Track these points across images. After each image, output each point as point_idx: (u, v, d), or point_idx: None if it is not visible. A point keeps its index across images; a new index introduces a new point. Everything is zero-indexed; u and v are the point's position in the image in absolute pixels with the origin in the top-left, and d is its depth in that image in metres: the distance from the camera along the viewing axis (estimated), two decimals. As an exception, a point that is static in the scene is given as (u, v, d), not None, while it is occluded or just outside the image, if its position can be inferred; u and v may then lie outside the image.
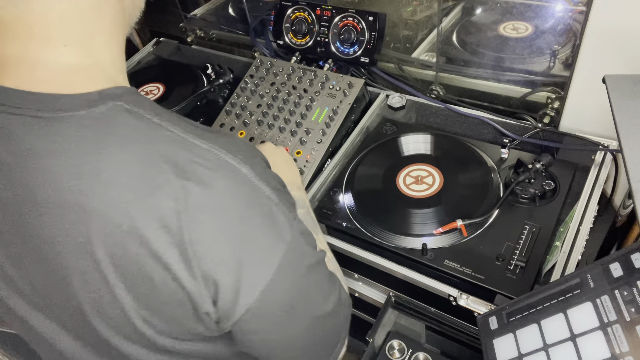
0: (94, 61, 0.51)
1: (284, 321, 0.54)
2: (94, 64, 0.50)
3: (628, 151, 0.60)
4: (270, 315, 0.52)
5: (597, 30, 0.88)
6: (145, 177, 0.45)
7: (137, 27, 1.92)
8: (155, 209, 0.45)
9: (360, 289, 0.99)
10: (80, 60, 0.49)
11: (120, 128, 0.47)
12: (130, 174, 0.45)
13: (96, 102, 0.47)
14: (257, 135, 1.14)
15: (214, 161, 0.48)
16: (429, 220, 0.91)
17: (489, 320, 0.64)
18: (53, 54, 0.48)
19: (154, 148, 0.47)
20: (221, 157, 0.49)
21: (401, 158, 1.06)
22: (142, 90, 1.42)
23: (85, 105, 0.47)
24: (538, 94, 1.09)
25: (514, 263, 0.81)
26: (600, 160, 0.96)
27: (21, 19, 0.46)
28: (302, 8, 1.27)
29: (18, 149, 0.46)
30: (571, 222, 0.85)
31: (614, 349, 0.50)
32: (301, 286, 0.55)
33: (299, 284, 0.54)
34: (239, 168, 0.49)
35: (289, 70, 1.23)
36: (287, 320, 0.54)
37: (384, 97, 1.22)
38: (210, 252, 0.47)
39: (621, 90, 0.68)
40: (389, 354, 0.88)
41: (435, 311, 0.88)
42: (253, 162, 0.51)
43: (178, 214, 0.45)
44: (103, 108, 0.47)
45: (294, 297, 0.54)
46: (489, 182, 0.95)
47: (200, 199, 0.46)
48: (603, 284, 0.55)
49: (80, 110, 0.46)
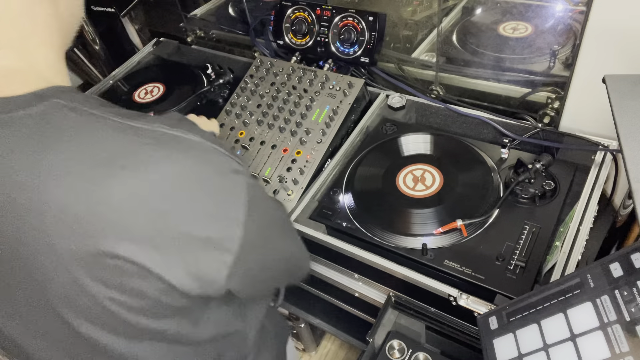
0: (28, 64, 0.51)
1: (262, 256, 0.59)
2: (28, 67, 0.51)
3: (628, 151, 0.60)
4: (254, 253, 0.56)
5: (597, 30, 0.88)
6: (98, 165, 0.46)
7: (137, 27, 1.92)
8: (113, 196, 0.46)
9: (360, 289, 0.99)
10: (13, 63, 0.50)
11: (63, 123, 0.47)
12: (84, 164, 0.46)
13: (31, 102, 0.48)
14: (257, 135, 1.14)
15: (161, 138, 0.49)
16: (429, 220, 0.91)
17: (489, 320, 0.64)
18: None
19: (101, 137, 0.47)
20: (167, 133, 0.50)
21: (401, 158, 1.06)
22: (142, 90, 1.42)
23: (22, 107, 0.47)
24: (538, 94, 1.09)
25: (514, 263, 0.81)
26: (600, 160, 0.96)
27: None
28: (302, 8, 1.27)
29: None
30: (571, 222, 0.85)
31: (614, 349, 0.50)
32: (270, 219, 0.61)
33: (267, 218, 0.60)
34: (188, 137, 0.51)
35: (289, 70, 1.23)
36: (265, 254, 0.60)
37: (384, 97, 1.22)
38: (183, 220, 0.48)
39: (621, 90, 0.68)
40: (389, 354, 0.88)
41: (435, 311, 0.88)
42: (195, 130, 0.53)
43: (137, 196, 0.46)
44: (41, 107, 0.48)
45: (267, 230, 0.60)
46: (489, 182, 0.95)
47: (158, 177, 0.47)
48: (603, 284, 0.55)
49: (18, 111, 0.47)
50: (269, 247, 0.61)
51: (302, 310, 1.44)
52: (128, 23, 1.91)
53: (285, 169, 1.06)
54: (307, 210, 1.00)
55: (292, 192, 1.02)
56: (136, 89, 1.43)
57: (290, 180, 1.04)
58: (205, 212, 0.50)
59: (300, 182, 1.03)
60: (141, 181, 0.47)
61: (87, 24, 1.80)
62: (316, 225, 0.97)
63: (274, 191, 1.03)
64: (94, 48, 1.86)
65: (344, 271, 0.99)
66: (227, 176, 0.52)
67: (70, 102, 0.49)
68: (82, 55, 1.91)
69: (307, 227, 0.96)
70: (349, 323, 1.35)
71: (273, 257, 0.64)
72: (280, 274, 0.72)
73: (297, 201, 1.01)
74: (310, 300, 1.36)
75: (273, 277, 0.70)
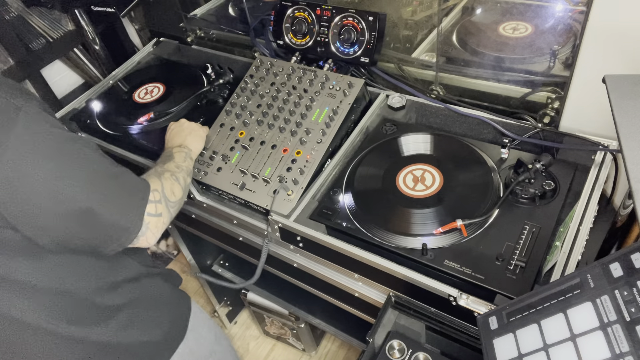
0: None
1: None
2: None
3: (628, 151, 0.60)
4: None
5: (597, 30, 0.88)
6: None
7: (137, 27, 1.92)
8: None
9: (360, 289, 0.99)
10: None
11: None
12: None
13: None
14: (257, 135, 1.14)
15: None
16: (429, 220, 0.91)
17: (489, 320, 0.64)
18: None
19: None
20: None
21: (401, 158, 1.06)
22: (142, 90, 1.42)
23: None
24: (538, 94, 1.09)
25: (514, 263, 0.81)
26: (600, 160, 0.96)
27: None
28: (302, 8, 1.27)
29: None
30: (571, 222, 0.85)
31: (614, 349, 0.50)
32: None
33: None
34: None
35: (289, 70, 1.23)
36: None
37: (384, 97, 1.22)
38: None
39: (621, 90, 0.68)
40: (389, 354, 0.88)
41: (435, 311, 0.88)
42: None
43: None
44: None
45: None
46: (489, 182, 0.95)
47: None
48: (603, 284, 0.55)
49: None
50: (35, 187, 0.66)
51: (302, 310, 1.44)
52: (128, 23, 1.91)
53: (285, 169, 1.06)
54: (307, 210, 1.00)
55: (292, 192, 1.02)
56: (136, 89, 1.43)
57: (290, 180, 1.04)
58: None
59: (300, 182, 1.03)
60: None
61: (87, 24, 1.80)
62: (316, 225, 0.97)
63: (274, 191, 1.03)
64: (94, 48, 1.86)
65: (344, 271, 0.99)
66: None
67: None
68: (82, 55, 1.91)
69: (307, 227, 0.96)
70: (349, 323, 1.36)
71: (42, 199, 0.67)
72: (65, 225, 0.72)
73: (297, 201, 1.01)
74: (310, 300, 1.37)
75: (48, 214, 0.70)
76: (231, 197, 1.09)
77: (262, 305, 1.59)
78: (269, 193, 1.04)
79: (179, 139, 1.06)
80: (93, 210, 0.71)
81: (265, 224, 1.04)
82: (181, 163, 0.97)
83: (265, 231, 1.05)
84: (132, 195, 0.77)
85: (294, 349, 1.81)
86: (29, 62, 1.75)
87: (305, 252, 1.02)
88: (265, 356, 1.83)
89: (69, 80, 1.96)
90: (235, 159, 1.12)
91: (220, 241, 1.31)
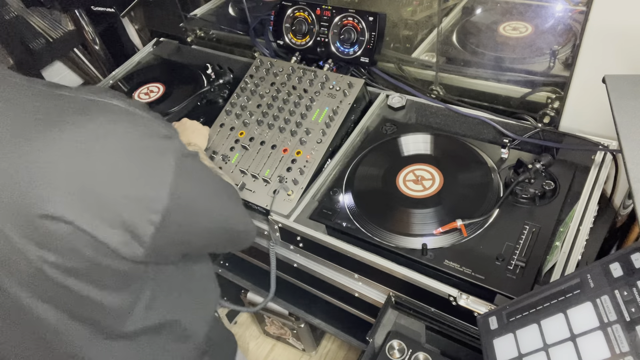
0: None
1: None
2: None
3: (628, 151, 0.60)
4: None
5: (597, 30, 0.88)
6: (25, 127, 0.49)
7: (137, 27, 1.92)
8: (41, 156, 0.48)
9: (360, 289, 0.99)
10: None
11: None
12: (10, 128, 0.48)
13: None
14: (257, 135, 1.14)
15: (85, 103, 0.53)
16: (429, 220, 0.91)
17: (489, 320, 0.64)
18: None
19: (28, 102, 0.51)
20: (92, 100, 0.54)
21: (401, 158, 1.06)
22: (142, 90, 1.42)
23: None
24: (538, 94, 1.09)
25: (514, 263, 0.81)
26: (600, 160, 0.96)
27: None
28: (302, 8, 1.27)
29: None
30: (571, 222, 0.85)
31: (614, 349, 0.50)
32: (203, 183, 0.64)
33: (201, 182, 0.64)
34: (112, 103, 0.54)
35: (289, 70, 1.23)
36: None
37: (384, 97, 1.22)
38: (108, 182, 0.51)
39: (621, 90, 0.68)
40: (389, 354, 0.88)
41: (435, 311, 0.88)
42: (119, 97, 0.56)
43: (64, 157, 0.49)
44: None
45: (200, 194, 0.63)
46: (489, 182, 0.95)
47: (84, 138, 0.50)
48: (603, 284, 0.55)
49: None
50: (200, 212, 0.64)
51: (302, 310, 1.44)
52: (128, 23, 1.91)
53: (285, 169, 1.06)
54: (307, 210, 1.00)
55: (292, 192, 1.02)
56: (136, 89, 1.43)
57: (290, 180, 1.04)
58: (131, 173, 0.53)
59: (300, 182, 1.03)
60: (67, 142, 0.49)
61: (87, 24, 1.80)
62: (316, 225, 0.97)
63: (274, 191, 1.03)
64: (94, 48, 1.86)
65: (344, 271, 0.99)
66: (154, 140, 0.56)
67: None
68: (82, 55, 1.91)
69: (307, 227, 0.96)
70: (349, 323, 1.35)
71: (206, 222, 0.67)
72: (217, 240, 0.74)
73: (297, 201, 1.01)
74: (310, 300, 1.37)
75: (208, 241, 0.72)
76: (231, 197, 1.10)
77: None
78: (269, 193, 1.04)
79: (184, 138, 1.06)
80: (230, 220, 0.73)
81: (266, 224, 1.04)
82: (207, 159, 0.98)
83: (265, 231, 1.05)
84: (239, 200, 0.79)
85: (294, 349, 1.81)
86: (29, 62, 1.75)
87: (305, 252, 1.02)
88: (265, 356, 1.83)
89: (69, 80, 1.96)
90: (235, 159, 1.12)
91: (220, 241, 1.31)
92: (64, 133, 0.49)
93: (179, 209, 0.58)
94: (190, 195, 0.60)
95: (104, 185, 0.51)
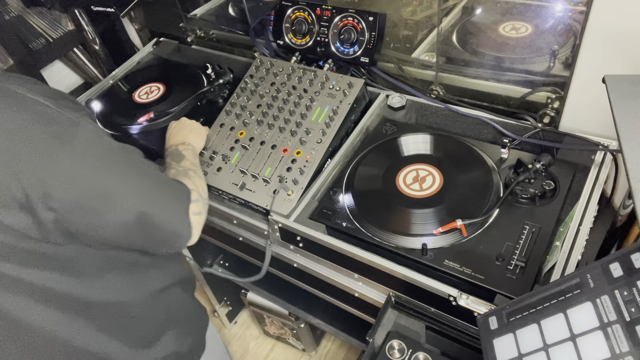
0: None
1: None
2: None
3: (628, 151, 0.60)
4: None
5: (597, 30, 0.88)
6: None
7: (137, 27, 1.92)
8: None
9: (360, 289, 0.99)
10: None
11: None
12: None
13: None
14: (257, 135, 1.14)
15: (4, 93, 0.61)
16: (429, 220, 0.91)
17: (489, 320, 0.64)
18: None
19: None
20: (13, 91, 0.62)
21: (401, 158, 1.06)
22: (142, 90, 1.42)
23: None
24: (538, 94, 1.09)
25: (514, 263, 0.81)
26: (600, 160, 0.96)
27: None
28: (302, 8, 1.27)
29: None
30: (571, 222, 0.85)
31: (614, 349, 0.50)
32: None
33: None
34: (9, 87, 0.62)
35: (289, 70, 1.23)
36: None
37: (384, 97, 1.22)
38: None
39: (621, 90, 0.68)
40: (389, 354, 0.88)
41: (435, 311, 0.88)
42: (19, 80, 0.65)
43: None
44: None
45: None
46: (489, 182, 0.95)
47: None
48: (603, 284, 0.55)
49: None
50: (110, 201, 0.67)
51: (302, 310, 1.44)
52: (128, 23, 1.91)
53: (285, 169, 1.06)
54: (307, 210, 1.00)
55: (292, 192, 1.02)
56: (136, 89, 1.43)
57: (290, 180, 1.04)
58: (14, 154, 0.59)
59: (300, 182, 1.03)
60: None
61: (87, 24, 1.80)
62: (316, 225, 0.97)
63: (274, 191, 1.03)
64: (94, 48, 1.86)
65: (344, 271, 0.99)
66: (45, 126, 0.61)
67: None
68: (82, 55, 1.91)
69: (307, 227, 0.96)
70: (349, 323, 1.36)
71: (119, 213, 0.68)
72: (135, 234, 0.73)
73: (297, 201, 1.01)
74: (310, 300, 1.37)
75: (125, 233, 0.71)
76: (231, 197, 1.09)
77: (262, 305, 1.59)
78: (269, 193, 1.04)
79: (180, 137, 1.06)
80: (150, 216, 0.71)
81: (266, 224, 1.04)
82: (194, 160, 0.98)
83: (265, 231, 1.05)
84: (179, 199, 0.78)
85: (294, 349, 1.81)
86: (29, 62, 1.75)
87: (305, 252, 1.02)
88: (265, 356, 1.83)
89: (69, 80, 1.96)
90: (235, 159, 1.12)
91: (220, 241, 1.31)
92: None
93: (80, 194, 0.63)
94: (96, 183, 0.65)
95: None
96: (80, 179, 0.63)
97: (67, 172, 0.62)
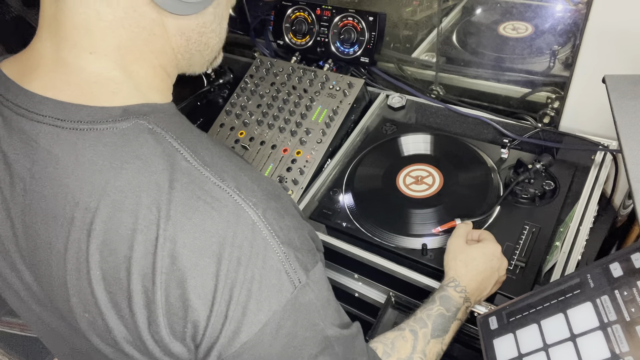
0: (123, 74, 0.49)
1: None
2: (123, 76, 0.49)
3: (628, 151, 0.60)
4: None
5: (597, 30, 0.88)
6: (150, 207, 0.44)
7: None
8: (149, 242, 0.44)
9: (360, 289, 0.99)
10: (107, 71, 0.48)
11: (136, 149, 0.45)
12: (139, 202, 0.44)
13: (118, 117, 0.46)
14: (257, 135, 1.14)
15: (222, 201, 0.46)
16: (429, 220, 0.91)
17: (489, 320, 0.64)
18: (80, 59, 0.47)
19: (165, 177, 0.45)
20: (231, 198, 0.46)
21: (401, 158, 1.06)
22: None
23: (106, 120, 0.46)
24: (538, 94, 1.09)
25: (514, 263, 0.81)
26: (600, 160, 0.96)
27: (56, 17, 0.46)
28: (302, 8, 1.27)
29: (38, 157, 0.46)
30: (571, 222, 0.85)
31: (614, 349, 0.50)
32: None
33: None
34: (246, 210, 0.46)
35: (289, 70, 1.23)
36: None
37: (384, 97, 1.22)
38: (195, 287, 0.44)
39: (621, 90, 0.68)
40: (389, 354, 0.88)
41: (435, 311, 0.88)
42: (267, 207, 0.47)
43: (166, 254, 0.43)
44: (125, 125, 0.46)
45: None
46: (488, 182, 0.95)
47: (203, 239, 0.44)
48: (603, 284, 0.55)
49: (101, 124, 0.46)
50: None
51: (302, 310, 1.43)
52: (128, 23, 1.91)
53: (285, 169, 1.06)
54: (307, 210, 1.00)
55: (292, 192, 1.02)
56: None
57: (290, 180, 1.04)
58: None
59: (300, 182, 1.03)
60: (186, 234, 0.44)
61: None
62: (316, 225, 0.97)
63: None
64: (94, 48, 1.86)
65: (344, 271, 0.99)
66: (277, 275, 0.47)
67: (156, 126, 0.47)
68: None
69: (307, 227, 0.96)
70: (349, 323, 1.35)
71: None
72: None
73: (297, 201, 1.01)
74: (310, 300, 1.36)
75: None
76: (231, 197, 1.09)
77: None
78: (269, 193, 1.04)
79: (477, 284, 0.74)
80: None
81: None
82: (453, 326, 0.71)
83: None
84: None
85: None
86: (29, 62, 1.75)
87: (305, 252, 1.02)
88: (265, 356, 1.83)
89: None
90: (235, 159, 1.12)
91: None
92: (184, 225, 0.44)
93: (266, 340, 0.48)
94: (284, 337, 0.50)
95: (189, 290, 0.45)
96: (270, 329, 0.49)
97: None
